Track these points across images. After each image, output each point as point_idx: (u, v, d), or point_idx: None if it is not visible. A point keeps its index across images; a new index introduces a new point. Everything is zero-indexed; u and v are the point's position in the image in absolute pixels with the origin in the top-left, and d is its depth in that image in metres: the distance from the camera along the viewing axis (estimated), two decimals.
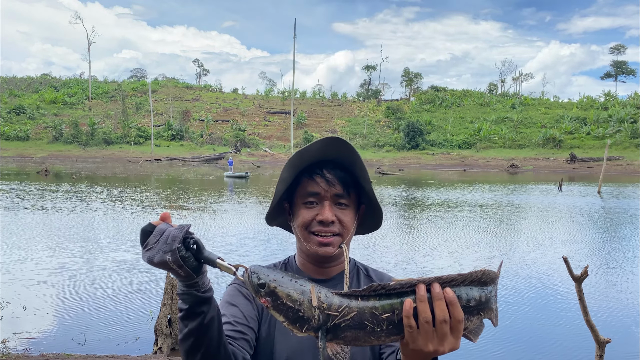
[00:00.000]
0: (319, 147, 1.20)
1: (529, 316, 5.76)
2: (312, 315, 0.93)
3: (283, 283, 0.94)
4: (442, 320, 0.90)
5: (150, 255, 0.96)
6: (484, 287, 0.95)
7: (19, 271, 7.30)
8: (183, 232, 0.96)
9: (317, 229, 1.21)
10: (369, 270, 1.34)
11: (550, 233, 11.58)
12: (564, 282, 7.08)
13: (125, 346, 4.82)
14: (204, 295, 1.01)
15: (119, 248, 9.03)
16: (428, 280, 0.92)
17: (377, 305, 0.92)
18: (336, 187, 1.22)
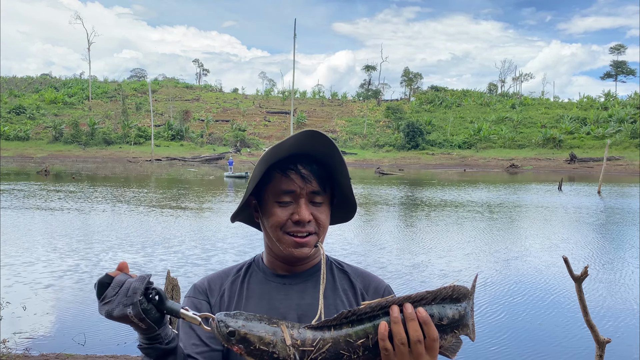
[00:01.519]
0: (294, 139, 1.13)
1: (529, 316, 5.77)
2: (288, 354, 0.91)
3: (253, 327, 0.92)
4: (416, 341, 0.90)
5: (109, 309, 0.91)
6: (457, 304, 0.95)
7: (18, 271, 7.30)
8: (144, 284, 0.92)
9: (292, 230, 1.13)
10: (343, 265, 1.27)
11: (550, 233, 11.58)
12: (564, 282, 7.08)
13: (125, 346, 4.82)
14: (168, 347, 0.98)
15: (119, 248, 9.03)
16: (399, 301, 0.92)
17: (350, 332, 0.92)
18: (312, 184, 1.14)
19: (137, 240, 9.82)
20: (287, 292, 1.17)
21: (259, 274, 1.21)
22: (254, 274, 1.22)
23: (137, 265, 7.79)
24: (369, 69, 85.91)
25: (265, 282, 1.19)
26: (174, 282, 4.84)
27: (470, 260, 8.47)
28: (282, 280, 1.19)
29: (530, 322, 5.59)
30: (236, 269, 1.24)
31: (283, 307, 1.15)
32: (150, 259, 8.24)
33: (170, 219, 12.62)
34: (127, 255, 8.42)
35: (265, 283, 1.19)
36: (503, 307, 6.08)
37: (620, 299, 6.44)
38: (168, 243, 9.47)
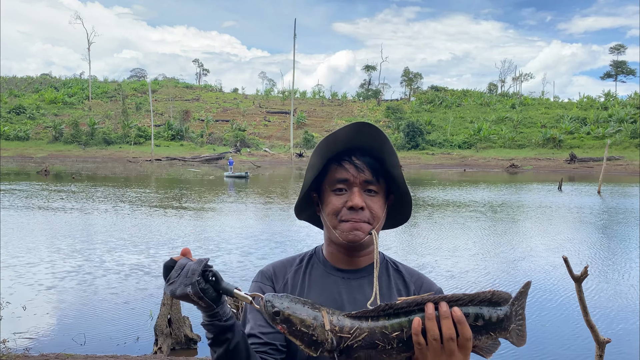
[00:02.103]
0: (347, 132, 1.20)
1: (529, 316, 5.76)
2: (325, 338, 0.97)
3: (296, 310, 0.99)
4: (449, 338, 0.94)
5: (172, 288, 1.01)
6: (496, 308, 0.98)
7: (18, 271, 7.30)
8: (202, 266, 1.02)
9: (347, 217, 1.20)
10: (398, 265, 1.33)
11: (550, 233, 11.58)
12: (564, 282, 7.08)
13: (125, 346, 4.82)
14: (226, 324, 1.07)
15: (120, 248, 9.03)
16: (435, 299, 0.96)
17: (386, 324, 0.97)
18: (365, 174, 1.21)
19: (140, 240, 9.82)
20: (346, 286, 1.24)
21: (319, 267, 1.28)
22: (315, 266, 1.29)
23: (142, 266, 7.79)
24: (369, 69, 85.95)
25: (325, 275, 1.26)
26: None
27: (477, 261, 8.46)
28: (341, 274, 1.25)
29: (530, 322, 5.59)
30: (299, 259, 1.32)
31: (341, 300, 1.22)
32: (154, 259, 8.24)
33: (173, 220, 12.62)
34: (129, 255, 8.42)
35: (325, 276, 1.26)
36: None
37: (621, 299, 6.44)
38: (172, 244, 9.47)
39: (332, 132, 1.20)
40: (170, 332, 4.75)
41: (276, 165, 46.75)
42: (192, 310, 5.58)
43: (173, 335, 4.75)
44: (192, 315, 5.28)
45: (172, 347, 4.72)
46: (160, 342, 4.68)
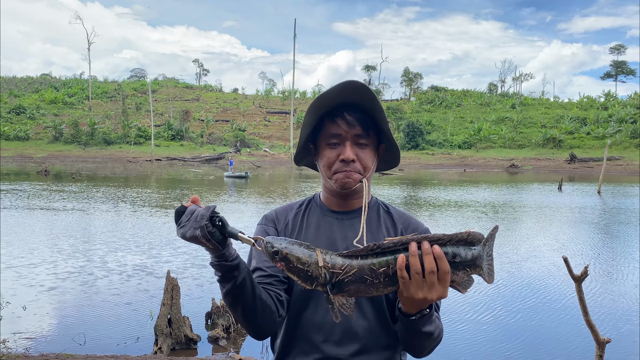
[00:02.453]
0: (338, 90, 1.30)
1: (529, 316, 5.77)
2: (319, 274, 1.09)
3: (293, 250, 1.11)
4: (430, 271, 1.07)
5: (183, 231, 1.12)
6: (471, 247, 1.10)
7: (18, 271, 7.30)
8: (210, 212, 1.12)
9: (339, 168, 1.33)
10: (389, 207, 1.47)
11: (550, 233, 11.59)
12: (564, 282, 7.08)
13: (125, 346, 4.82)
14: (232, 264, 1.18)
15: (120, 248, 9.03)
16: (418, 239, 1.09)
17: (374, 262, 1.09)
18: (356, 128, 1.32)
19: (142, 241, 9.82)
20: (339, 225, 1.40)
21: (317, 210, 1.45)
22: (313, 209, 1.46)
23: (145, 266, 7.79)
24: (369, 69, 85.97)
25: (322, 216, 1.43)
26: (174, 282, 4.85)
27: (500, 263, 8.42)
28: (336, 215, 1.42)
29: (530, 322, 5.59)
30: (298, 204, 1.49)
31: (335, 236, 1.38)
32: (155, 259, 8.24)
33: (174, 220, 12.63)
34: (129, 255, 8.42)
35: (321, 217, 1.43)
36: (503, 307, 6.08)
37: (621, 299, 6.44)
38: (174, 244, 9.48)
39: (325, 91, 1.31)
40: (170, 332, 4.75)
41: (276, 165, 46.74)
42: (192, 310, 5.58)
43: (173, 335, 4.75)
44: (192, 315, 5.28)
45: (172, 347, 4.72)
46: (160, 342, 4.68)
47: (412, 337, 1.24)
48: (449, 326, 5.39)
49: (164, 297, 4.80)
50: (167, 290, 4.81)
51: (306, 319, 1.35)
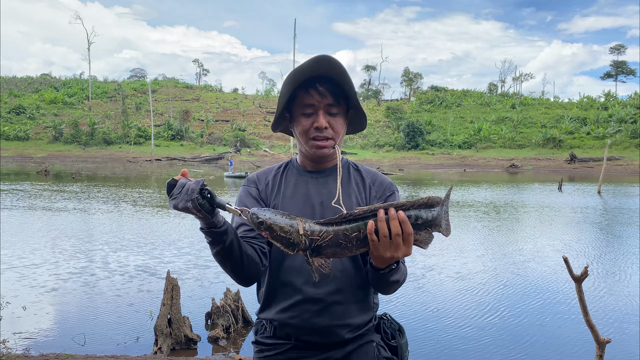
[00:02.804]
0: (311, 64, 1.44)
1: (529, 316, 5.76)
2: (300, 240, 1.24)
3: (276, 220, 1.25)
4: (396, 234, 1.23)
5: (175, 202, 1.25)
6: (430, 209, 1.28)
7: (19, 271, 7.30)
8: (199, 185, 1.24)
9: (314, 135, 1.49)
10: (358, 166, 1.66)
11: (550, 233, 11.58)
12: (564, 282, 7.08)
13: (125, 346, 4.82)
14: (221, 230, 1.32)
15: (120, 248, 9.03)
16: (385, 206, 1.24)
17: (347, 227, 1.25)
18: (328, 98, 1.48)
19: (138, 240, 9.82)
20: (314, 183, 1.57)
21: (294, 170, 1.62)
22: (290, 170, 1.63)
23: (145, 266, 7.79)
24: (369, 69, 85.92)
25: (298, 176, 1.60)
26: (173, 282, 4.85)
27: (485, 262, 8.43)
28: (310, 174, 1.59)
29: (530, 322, 5.59)
30: (277, 167, 1.66)
31: (310, 193, 1.55)
32: (156, 260, 8.24)
33: (178, 220, 12.63)
34: (129, 255, 8.42)
35: (298, 176, 1.60)
36: (504, 307, 6.08)
37: (621, 299, 6.44)
38: (175, 245, 9.48)
39: (298, 65, 1.45)
40: (170, 332, 4.74)
41: None
42: (192, 310, 5.58)
43: (173, 335, 4.75)
44: (192, 315, 5.28)
45: (172, 347, 4.72)
46: (160, 342, 4.67)
47: (382, 285, 1.44)
48: (449, 326, 5.39)
49: (164, 297, 4.80)
50: (167, 290, 4.81)
51: (287, 266, 1.51)
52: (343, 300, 1.50)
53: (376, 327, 1.62)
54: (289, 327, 1.52)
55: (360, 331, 1.55)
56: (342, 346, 1.53)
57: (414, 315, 5.72)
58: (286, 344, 1.54)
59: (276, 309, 1.53)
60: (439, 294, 6.56)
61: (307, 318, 1.50)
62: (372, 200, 1.59)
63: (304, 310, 1.50)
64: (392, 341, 1.61)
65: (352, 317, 1.53)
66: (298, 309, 1.50)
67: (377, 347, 1.58)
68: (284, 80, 1.48)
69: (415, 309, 5.96)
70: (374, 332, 1.61)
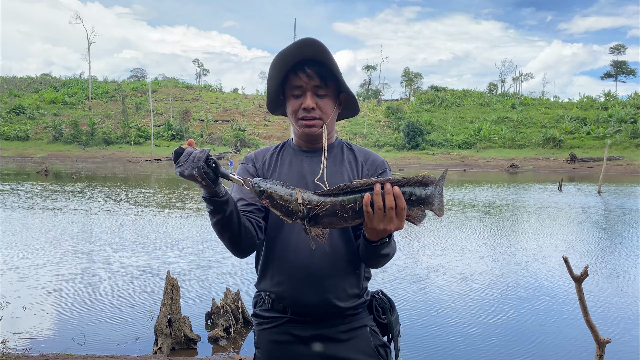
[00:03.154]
0: (297, 48, 1.50)
1: (529, 316, 5.76)
2: (298, 209, 1.30)
3: (277, 189, 1.31)
4: (390, 208, 1.28)
5: (181, 169, 1.30)
6: (424, 187, 1.32)
7: (19, 271, 7.30)
8: (205, 154, 1.30)
9: (302, 115, 1.56)
10: (351, 145, 1.72)
11: (550, 233, 11.58)
12: (564, 282, 7.08)
13: (125, 346, 4.82)
14: (223, 199, 1.38)
15: (120, 248, 9.02)
16: (382, 181, 1.29)
17: (344, 199, 1.31)
18: (315, 80, 1.53)
19: (138, 240, 9.82)
20: (308, 161, 1.64)
21: (289, 150, 1.70)
22: (286, 150, 1.70)
23: (143, 266, 7.79)
24: (369, 69, 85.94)
25: (293, 155, 1.67)
26: (173, 282, 4.85)
27: (489, 262, 8.42)
28: (305, 154, 1.66)
29: (530, 322, 5.59)
30: (274, 147, 1.74)
31: (304, 171, 1.62)
32: (156, 260, 8.24)
33: (178, 220, 12.62)
34: (129, 255, 8.42)
35: (293, 155, 1.67)
36: (503, 306, 6.08)
37: (621, 299, 6.44)
38: (177, 245, 9.48)
39: (284, 48, 1.50)
40: (170, 332, 4.74)
41: None
42: (192, 310, 5.58)
43: (173, 335, 4.75)
44: (192, 315, 5.28)
45: (172, 347, 4.72)
46: (160, 342, 4.67)
47: (372, 258, 1.49)
48: (448, 326, 5.39)
49: (164, 297, 4.79)
50: (167, 290, 4.81)
51: (281, 240, 1.58)
52: (333, 274, 1.56)
53: (368, 305, 1.68)
54: (284, 299, 1.59)
55: (351, 304, 1.60)
56: (335, 324, 1.59)
57: (417, 315, 5.71)
58: (282, 318, 1.61)
59: (271, 281, 1.61)
60: (442, 294, 6.56)
61: (298, 290, 1.56)
62: (364, 177, 1.65)
63: (296, 282, 1.56)
64: (382, 318, 1.67)
65: (342, 290, 1.58)
66: (290, 282, 1.57)
67: (371, 333, 1.63)
68: (272, 63, 1.54)
69: (419, 309, 5.96)
70: (366, 310, 1.67)
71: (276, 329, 1.61)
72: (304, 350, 1.59)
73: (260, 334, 1.66)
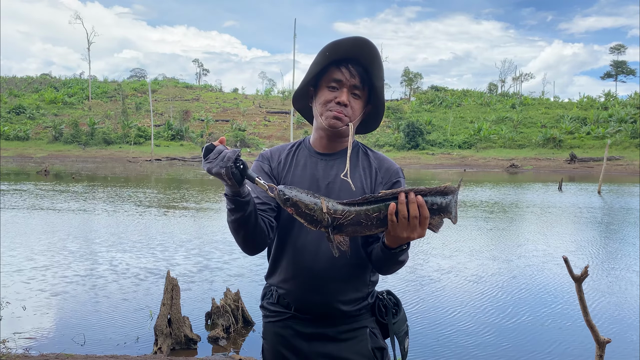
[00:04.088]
0: (352, 42, 1.52)
1: (529, 316, 5.76)
2: (323, 218, 1.33)
3: (302, 197, 1.33)
4: (414, 217, 1.32)
5: (210, 166, 1.32)
6: (445, 196, 1.36)
7: (19, 271, 7.29)
8: (235, 155, 1.32)
9: (333, 108, 1.57)
10: (367, 150, 1.73)
11: (550, 233, 11.58)
12: (564, 282, 7.08)
13: (125, 346, 4.82)
14: (245, 200, 1.41)
15: (120, 248, 9.02)
16: (406, 190, 1.33)
17: (369, 208, 1.34)
18: (355, 80, 1.56)
19: (138, 240, 9.82)
20: (323, 165, 1.64)
21: (305, 151, 1.69)
22: (302, 151, 1.70)
23: (143, 266, 7.79)
24: None
25: (309, 157, 1.67)
26: (173, 282, 4.84)
27: (485, 262, 8.44)
28: (320, 156, 1.66)
29: (530, 322, 5.59)
30: (290, 145, 1.73)
31: (318, 175, 1.63)
32: (156, 260, 8.24)
33: (179, 220, 12.62)
34: (129, 255, 8.42)
35: (308, 157, 1.66)
36: (503, 306, 6.08)
37: (621, 299, 6.44)
38: (177, 245, 9.48)
39: (338, 40, 1.52)
40: (170, 332, 4.74)
41: None
42: (192, 310, 5.58)
43: (173, 335, 4.75)
44: (192, 315, 5.28)
45: (172, 347, 4.72)
46: (160, 342, 4.67)
47: (389, 264, 1.52)
48: (448, 326, 5.39)
49: (163, 297, 4.79)
50: (167, 290, 4.81)
51: (290, 239, 1.61)
52: (338, 278, 1.58)
53: (372, 306, 1.69)
54: (289, 297, 1.63)
55: (353, 307, 1.62)
56: (335, 324, 1.61)
57: (419, 314, 5.72)
58: (286, 313, 1.65)
59: (279, 278, 1.66)
60: (447, 295, 6.56)
61: (303, 291, 1.60)
62: (377, 185, 1.67)
63: (302, 283, 1.60)
64: (385, 319, 1.69)
65: (345, 294, 1.60)
66: (296, 282, 1.61)
67: (370, 334, 1.65)
68: (321, 51, 1.55)
69: (424, 310, 5.96)
70: (369, 311, 1.68)
71: (280, 323, 1.67)
72: (305, 345, 1.63)
73: (267, 326, 1.72)
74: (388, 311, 1.69)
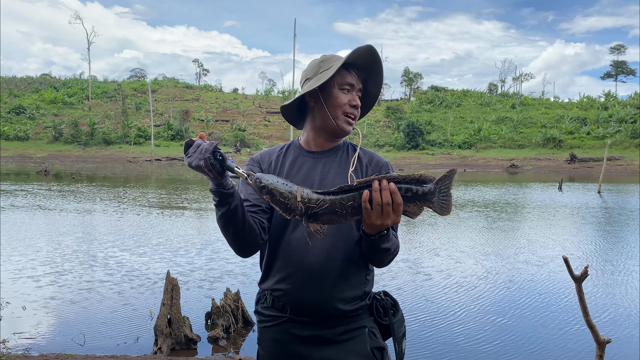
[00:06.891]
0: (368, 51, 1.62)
1: (529, 316, 5.76)
2: (297, 206, 1.35)
3: (277, 186, 1.37)
4: (386, 203, 1.34)
5: (189, 160, 1.37)
6: (422, 185, 1.37)
7: (19, 271, 7.29)
8: (213, 147, 1.37)
9: (348, 111, 1.65)
10: (356, 147, 1.78)
11: (550, 233, 11.58)
12: (564, 282, 7.08)
13: (125, 346, 4.82)
14: (229, 192, 1.43)
15: (120, 248, 9.02)
16: (379, 178, 1.35)
17: (343, 197, 1.36)
18: (360, 85, 1.67)
19: (138, 240, 9.82)
20: (313, 162, 1.69)
21: (295, 151, 1.73)
22: (292, 151, 1.74)
23: (143, 266, 7.79)
24: None
25: (299, 156, 1.71)
26: (173, 282, 4.85)
27: (486, 262, 8.44)
28: (311, 155, 1.70)
29: (530, 322, 5.59)
30: (279, 147, 1.77)
31: (309, 173, 1.66)
32: (156, 260, 8.24)
33: (179, 220, 12.62)
34: (129, 255, 8.42)
35: (299, 157, 1.71)
36: (503, 306, 6.08)
37: (621, 299, 6.44)
38: (178, 245, 9.48)
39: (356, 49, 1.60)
40: (170, 332, 4.74)
41: None
42: (192, 310, 5.58)
43: (173, 335, 4.75)
44: (192, 315, 5.28)
45: (172, 347, 4.72)
46: (160, 343, 4.67)
47: (374, 253, 1.53)
48: (448, 326, 5.39)
49: (163, 297, 4.79)
50: (166, 290, 4.81)
51: (284, 241, 1.61)
52: (334, 275, 1.58)
53: (369, 306, 1.69)
54: (284, 298, 1.62)
55: (350, 307, 1.62)
56: (333, 326, 1.61)
57: (417, 314, 5.72)
58: (282, 317, 1.64)
59: (273, 280, 1.65)
60: (443, 295, 6.56)
61: (299, 289, 1.59)
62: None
63: (297, 282, 1.59)
64: (384, 319, 1.69)
65: (342, 291, 1.60)
66: (291, 281, 1.60)
67: (369, 334, 1.64)
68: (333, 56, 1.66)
69: (423, 311, 5.96)
70: (367, 312, 1.68)
71: (276, 328, 1.65)
72: (303, 350, 1.61)
73: (262, 332, 1.70)
74: (388, 311, 1.68)
